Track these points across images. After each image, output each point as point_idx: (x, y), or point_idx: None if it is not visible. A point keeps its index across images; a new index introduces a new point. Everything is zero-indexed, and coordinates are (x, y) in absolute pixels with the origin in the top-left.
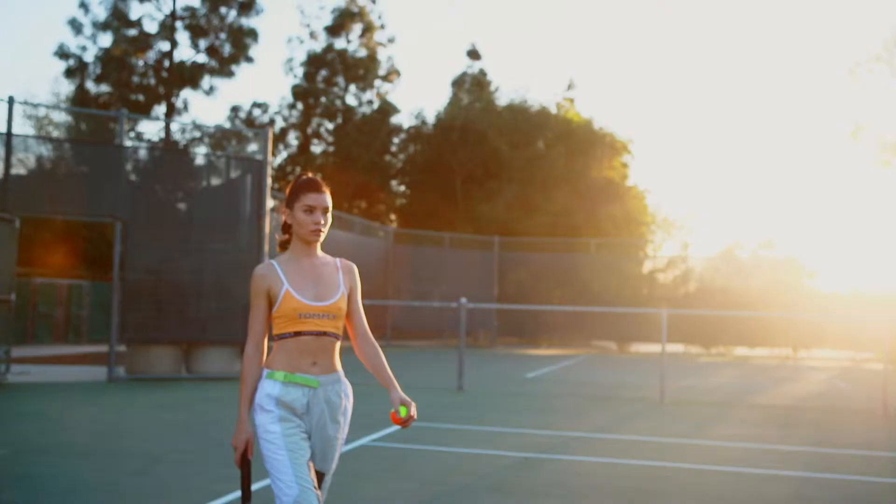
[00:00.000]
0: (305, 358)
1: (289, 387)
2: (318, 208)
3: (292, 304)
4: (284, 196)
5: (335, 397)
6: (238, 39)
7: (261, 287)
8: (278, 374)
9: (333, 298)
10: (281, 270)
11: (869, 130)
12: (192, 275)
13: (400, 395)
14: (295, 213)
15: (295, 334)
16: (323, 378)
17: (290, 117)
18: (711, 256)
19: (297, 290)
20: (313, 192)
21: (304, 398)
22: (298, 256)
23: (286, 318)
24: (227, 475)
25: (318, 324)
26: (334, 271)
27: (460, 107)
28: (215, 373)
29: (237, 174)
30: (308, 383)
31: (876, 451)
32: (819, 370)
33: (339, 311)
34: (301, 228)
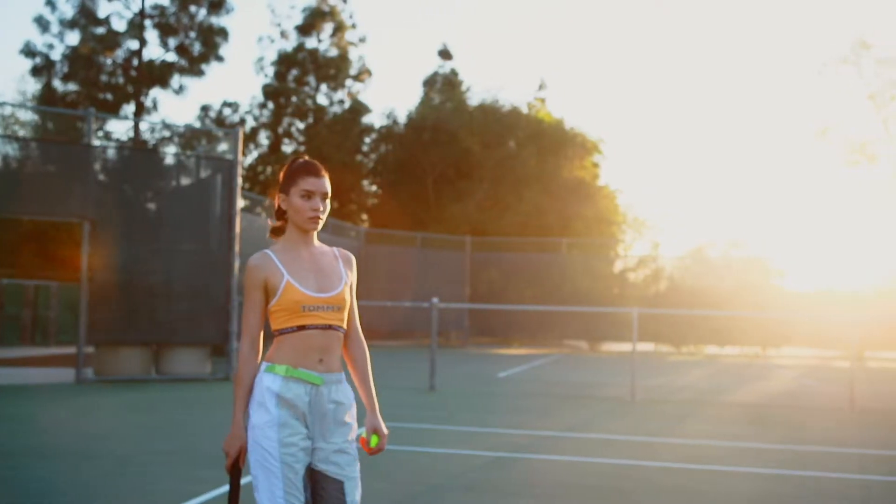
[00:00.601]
0: (311, 354)
1: (290, 382)
2: (316, 193)
3: (294, 296)
4: (279, 181)
5: (342, 398)
6: (208, 38)
7: (257, 278)
8: (279, 368)
9: (337, 289)
10: (278, 260)
11: (836, 131)
12: (161, 275)
13: (376, 421)
14: (291, 198)
15: (298, 328)
16: (328, 376)
17: (261, 117)
18: (682, 256)
19: (299, 281)
20: (311, 176)
21: (305, 396)
22: (294, 245)
23: (288, 312)
24: (198, 476)
25: (323, 316)
26: (334, 261)
27: (432, 106)
28: (186, 374)
29: (207, 174)
30: (311, 380)
31: (843, 447)
32: (787, 368)
33: (343, 303)
34: (298, 215)
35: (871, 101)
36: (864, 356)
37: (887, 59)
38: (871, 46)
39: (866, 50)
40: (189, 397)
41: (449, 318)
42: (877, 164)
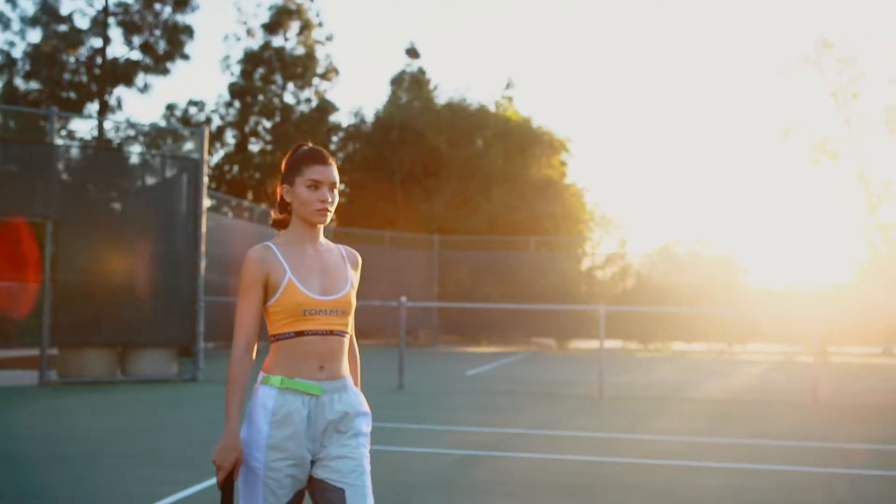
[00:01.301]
0: (310, 361)
1: (286, 395)
2: (324, 183)
3: (296, 298)
4: (281, 170)
5: (344, 406)
6: (173, 36)
7: (257, 273)
8: (275, 380)
9: (342, 291)
10: (281, 255)
11: (800, 129)
12: (126, 276)
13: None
14: (296, 189)
15: (296, 334)
16: (328, 384)
17: (228, 116)
18: (649, 253)
19: (302, 281)
20: (318, 164)
21: (303, 409)
22: (299, 241)
23: (287, 315)
24: (166, 478)
25: (325, 321)
26: (340, 261)
27: (399, 105)
28: (152, 375)
29: (173, 173)
30: (308, 390)
31: (806, 441)
32: (753, 364)
33: (348, 307)
34: (304, 207)
35: (832, 100)
36: (827, 352)
37: (848, 58)
38: (833, 45)
39: (828, 49)
40: (155, 398)
41: (417, 316)
42: (839, 162)
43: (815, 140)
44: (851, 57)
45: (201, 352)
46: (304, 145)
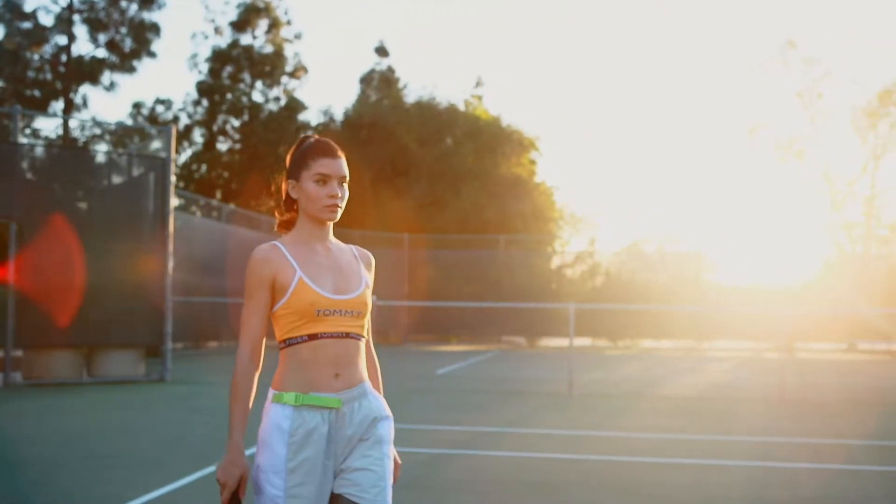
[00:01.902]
0: (325, 368)
1: (302, 412)
2: (333, 177)
3: (308, 297)
4: (285, 165)
5: (366, 414)
6: (140, 34)
7: (263, 274)
8: (288, 397)
9: (357, 291)
10: (289, 254)
11: (766, 128)
12: (93, 276)
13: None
14: (303, 184)
15: (310, 337)
16: (346, 394)
17: (195, 114)
18: (618, 251)
19: (314, 279)
20: (326, 157)
21: (323, 425)
22: (307, 240)
23: (299, 316)
24: (133, 481)
25: (340, 323)
26: (353, 259)
27: (368, 104)
28: (119, 376)
29: (140, 172)
30: (327, 404)
31: (773, 436)
32: (721, 360)
33: (363, 307)
34: (312, 204)
35: (798, 99)
36: (793, 348)
37: (813, 58)
38: (798, 45)
39: (793, 49)
40: (122, 400)
41: (388, 315)
42: (804, 161)
43: (782, 139)
44: (816, 57)
45: (169, 352)
46: (309, 137)
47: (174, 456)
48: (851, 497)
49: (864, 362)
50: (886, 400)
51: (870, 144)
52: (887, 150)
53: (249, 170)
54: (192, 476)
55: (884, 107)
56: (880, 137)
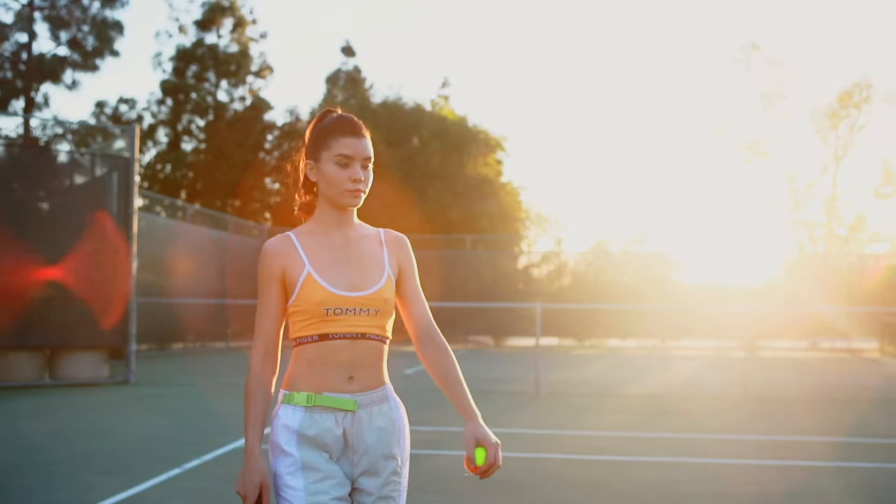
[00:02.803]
0: (337, 371)
1: (314, 414)
2: (356, 159)
3: (316, 295)
4: (304, 141)
5: (384, 421)
6: (102, 32)
7: (273, 269)
8: (299, 397)
9: (375, 286)
10: (300, 246)
11: (730, 129)
12: (55, 277)
13: (479, 430)
14: (322, 165)
15: (320, 338)
16: (363, 397)
17: (160, 113)
18: (584, 251)
19: (324, 275)
20: (349, 136)
21: (337, 428)
22: (326, 227)
23: (308, 316)
24: (96, 484)
25: (354, 323)
26: (377, 247)
27: (335, 104)
28: (82, 378)
29: (103, 172)
30: (340, 405)
31: (738, 434)
32: (686, 359)
33: (383, 304)
34: (332, 188)
35: (761, 101)
36: (757, 346)
37: (775, 60)
38: (761, 47)
39: (756, 51)
40: (86, 402)
41: None
42: (768, 161)
43: (745, 140)
44: (779, 59)
45: (133, 354)
46: (331, 112)
47: (138, 459)
48: (813, 492)
49: (824, 360)
50: (846, 396)
51: (830, 145)
52: (847, 151)
53: (215, 170)
54: (156, 479)
55: (843, 108)
56: (840, 139)
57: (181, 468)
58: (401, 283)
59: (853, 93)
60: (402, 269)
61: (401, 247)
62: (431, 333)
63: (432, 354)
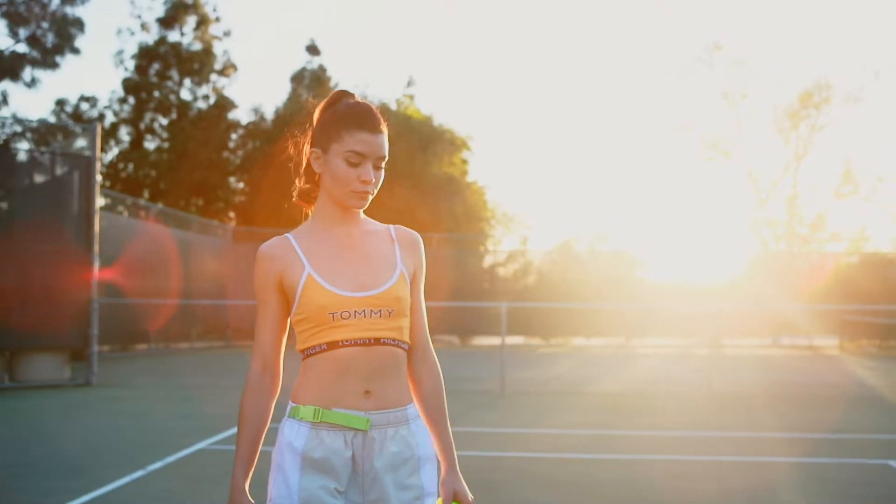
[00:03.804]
0: (351, 383)
1: (321, 432)
2: (368, 158)
3: (318, 298)
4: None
5: (399, 447)
6: (62, 29)
7: (269, 275)
8: (305, 411)
9: (386, 284)
10: (299, 247)
11: (694, 128)
12: (15, 278)
13: (458, 483)
14: (330, 159)
15: (328, 347)
16: (378, 415)
17: (122, 112)
18: (549, 250)
19: (326, 276)
20: (365, 131)
21: (346, 450)
22: (328, 224)
23: (313, 323)
24: (56, 488)
25: (366, 326)
26: (386, 243)
27: (300, 102)
28: (42, 380)
29: (64, 171)
30: (350, 423)
31: (701, 431)
32: (651, 357)
33: (396, 304)
34: (338, 186)
35: (724, 100)
36: (721, 344)
37: (738, 60)
38: (723, 47)
39: (719, 51)
40: (46, 405)
41: None
42: (730, 160)
43: (708, 139)
44: (741, 59)
45: (95, 355)
46: (348, 96)
47: (100, 461)
48: (775, 488)
49: (787, 357)
50: (807, 394)
51: (792, 145)
52: (808, 150)
53: (178, 169)
54: (119, 481)
55: (804, 109)
56: (801, 138)
57: (145, 470)
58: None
59: (813, 93)
60: (414, 273)
61: (414, 247)
62: (427, 353)
63: (424, 378)
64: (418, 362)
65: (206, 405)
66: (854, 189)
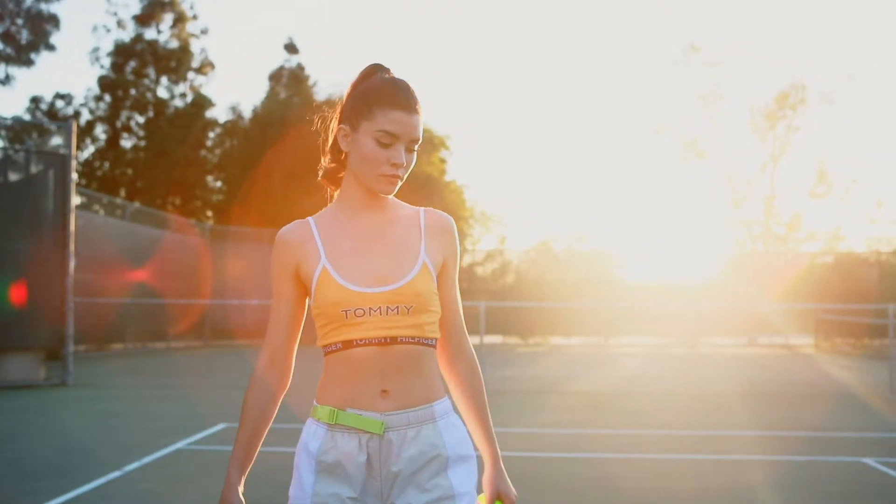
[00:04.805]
0: (367, 383)
1: (336, 434)
2: (401, 139)
3: (330, 294)
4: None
5: (420, 448)
6: (37, 26)
7: (285, 263)
8: (322, 411)
9: (406, 277)
10: (318, 234)
11: (671, 129)
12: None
13: (501, 481)
14: (359, 137)
15: (343, 346)
16: (395, 416)
17: (98, 110)
18: (528, 250)
19: (341, 269)
20: (399, 110)
21: (360, 454)
22: (352, 209)
23: (328, 319)
24: (31, 489)
25: (381, 325)
26: (412, 230)
27: (278, 101)
28: (17, 380)
29: (38, 169)
30: (364, 426)
31: (678, 429)
32: (628, 356)
33: (417, 299)
34: (366, 167)
35: (700, 101)
36: (697, 343)
37: (714, 62)
38: (700, 49)
39: (696, 52)
40: (20, 405)
41: None
42: (707, 161)
43: (685, 139)
44: (717, 60)
45: (70, 355)
46: (383, 70)
47: (76, 462)
48: (750, 485)
49: (763, 356)
50: (783, 392)
51: (768, 145)
52: (784, 151)
53: (155, 167)
54: (95, 482)
55: (780, 109)
56: (778, 139)
57: (121, 471)
58: (440, 278)
59: (789, 94)
60: (445, 260)
61: (445, 232)
62: (462, 346)
63: (461, 373)
64: (452, 357)
65: (184, 405)
66: (828, 189)
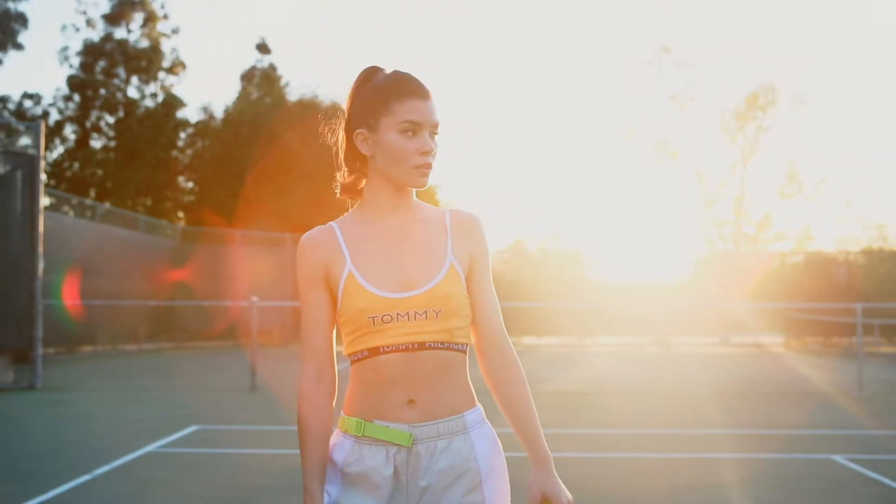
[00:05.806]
0: (393, 393)
1: (362, 446)
2: (424, 126)
3: (358, 301)
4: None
5: (450, 461)
6: (5, 24)
7: (313, 268)
8: (349, 423)
9: (433, 281)
10: (343, 239)
11: (643, 129)
12: None
13: (550, 482)
14: (383, 135)
15: (370, 353)
16: (423, 428)
17: (67, 110)
18: (501, 250)
19: (367, 274)
20: (416, 98)
21: (386, 467)
22: (378, 213)
23: (354, 327)
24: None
25: (409, 330)
26: (439, 232)
27: (250, 101)
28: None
29: (6, 170)
30: (391, 438)
31: (651, 428)
32: (602, 356)
33: (445, 302)
34: (397, 164)
35: (672, 102)
36: (670, 342)
37: (685, 63)
38: (672, 50)
39: (667, 54)
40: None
41: (271, 316)
42: (678, 161)
43: (657, 140)
44: (688, 62)
45: (40, 358)
46: (380, 70)
47: (45, 466)
48: (725, 483)
49: (734, 355)
50: (754, 391)
51: (738, 146)
52: (754, 151)
53: (125, 168)
54: (64, 486)
55: (750, 111)
56: (748, 139)
57: (91, 474)
58: (470, 279)
59: (759, 95)
60: (472, 261)
61: (471, 231)
62: (501, 346)
63: (501, 375)
64: (490, 359)
65: (154, 407)
66: (798, 189)
